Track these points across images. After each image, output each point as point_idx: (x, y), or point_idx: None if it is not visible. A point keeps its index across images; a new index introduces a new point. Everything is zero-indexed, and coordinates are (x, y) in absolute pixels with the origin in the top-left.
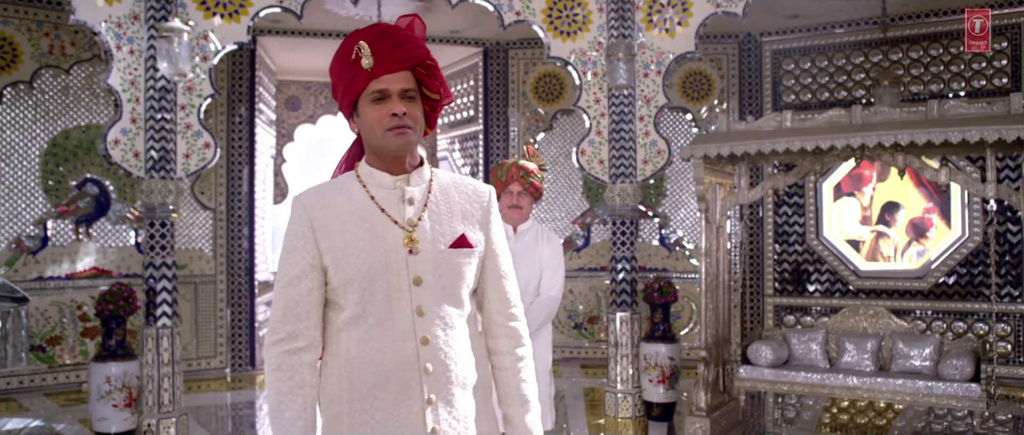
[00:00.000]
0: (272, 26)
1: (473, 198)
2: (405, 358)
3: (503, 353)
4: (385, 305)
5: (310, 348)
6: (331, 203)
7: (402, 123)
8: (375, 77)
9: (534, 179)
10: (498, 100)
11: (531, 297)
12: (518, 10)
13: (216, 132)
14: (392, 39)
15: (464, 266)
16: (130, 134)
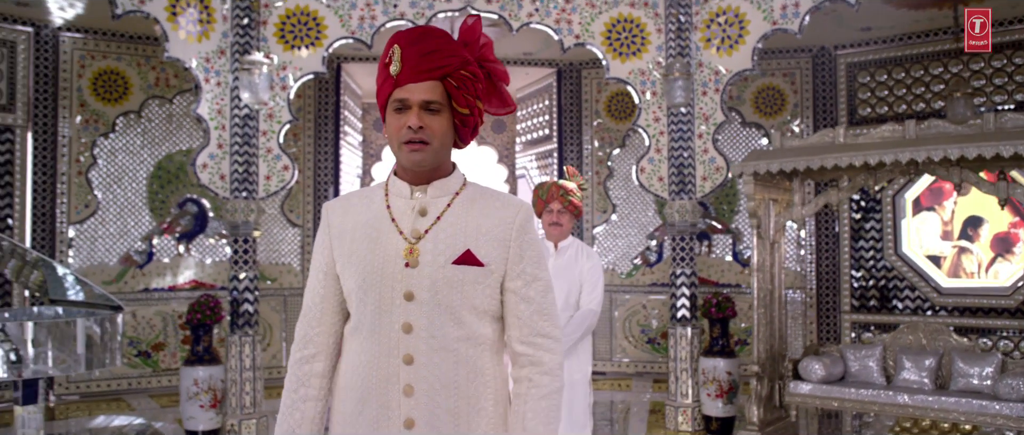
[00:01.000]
0: (354, 54)
1: (500, 215)
2: (387, 376)
3: (521, 380)
4: (375, 317)
5: (321, 355)
6: (351, 211)
7: (417, 137)
8: (399, 85)
9: (573, 198)
10: (571, 119)
11: (571, 310)
12: (577, 33)
13: (303, 154)
14: (425, 45)
15: (470, 285)
16: (217, 158)
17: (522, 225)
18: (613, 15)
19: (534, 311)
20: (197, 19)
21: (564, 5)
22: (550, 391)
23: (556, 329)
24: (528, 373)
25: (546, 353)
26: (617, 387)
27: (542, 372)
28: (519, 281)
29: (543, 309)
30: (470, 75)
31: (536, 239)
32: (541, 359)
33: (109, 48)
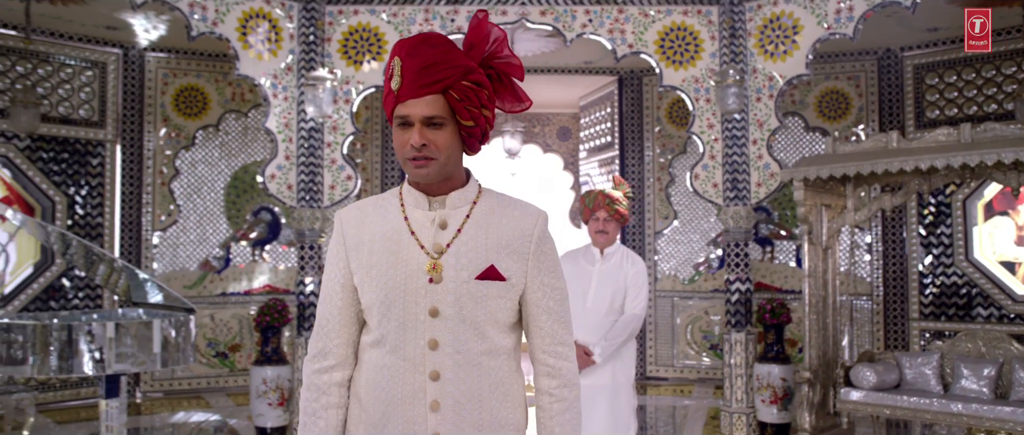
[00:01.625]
0: None
1: (519, 226)
2: (413, 391)
3: (543, 393)
4: (400, 333)
5: (341, 366)
6: (367, 221)
7: (421, 155)
8: (401, 100)
9: (619, 206)
10: (633, 125)
11: (616, 315)
12: (631, 43)
13: (370, 164)
14: (424, 58)
15: (492, 300)
16: (284, 169)
17: (541, 235)
18: (666, 24)
19: (554, 321)
20: (265, 38)
21: (617, 15)
22: (572, 402)
23: (571, 336)
24: (550, 386)
25: (565, 362)
26: (679, 393)
27: (563, 384)
28: (540, 293)
29: (561, 318)
30: (473, 85)
31: (553, 247)
32: (561, 369)
33: (189, 66)
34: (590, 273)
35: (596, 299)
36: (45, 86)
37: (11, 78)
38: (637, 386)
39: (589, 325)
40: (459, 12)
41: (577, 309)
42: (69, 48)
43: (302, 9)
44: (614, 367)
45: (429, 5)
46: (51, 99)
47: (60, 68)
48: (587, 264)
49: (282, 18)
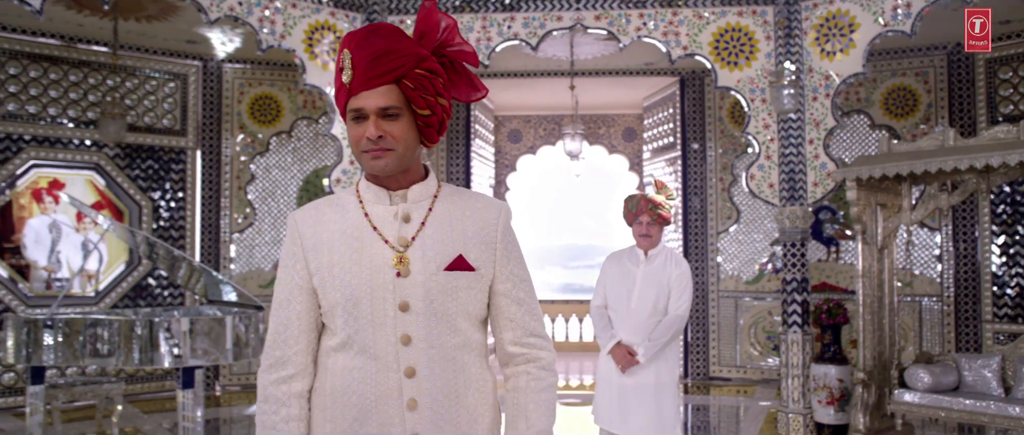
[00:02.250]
0: (481, 71)
1: (483, 217)
2: (387, 390)
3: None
4: (369, 331)
5: (300, 376)
6: (324, 220)
7: (378, 146)
8: (353, 93)
9: (662, 210)
10: (695, 126)
11: (659, 316)
12: (685, 45)
13: (436, 167)
14: (374, 49)
15: (462, 291)
16: (349, 174)
17: (505, 225)
18: (721, 25)
19: (525, 312)
20: (330, 49)
21: (671, 18)
22: (549, 384)
23: (544, 329)
24: (526, 368)
25: (541, 351)
26: (742, 393)
27: (540, 367)
28: (508, 283)
29: (532, 310)
30: (427, 73)
31: (516, 241)
32: (538, 356)
33: (263, 76)
34: (634, 274)
35: (640, 300)
36: (132, 98)
37: (102, 91)
38: (701, 386)
39: (633, 325)
40: (515, 19)
41: (621, 309)
42: (153, 62)
43: (365, 20)
44: (658, 367)
45: (486, 13)
46: (137, 110)
47: (145, 81)
48: (631, 266)
49: (346, 29)
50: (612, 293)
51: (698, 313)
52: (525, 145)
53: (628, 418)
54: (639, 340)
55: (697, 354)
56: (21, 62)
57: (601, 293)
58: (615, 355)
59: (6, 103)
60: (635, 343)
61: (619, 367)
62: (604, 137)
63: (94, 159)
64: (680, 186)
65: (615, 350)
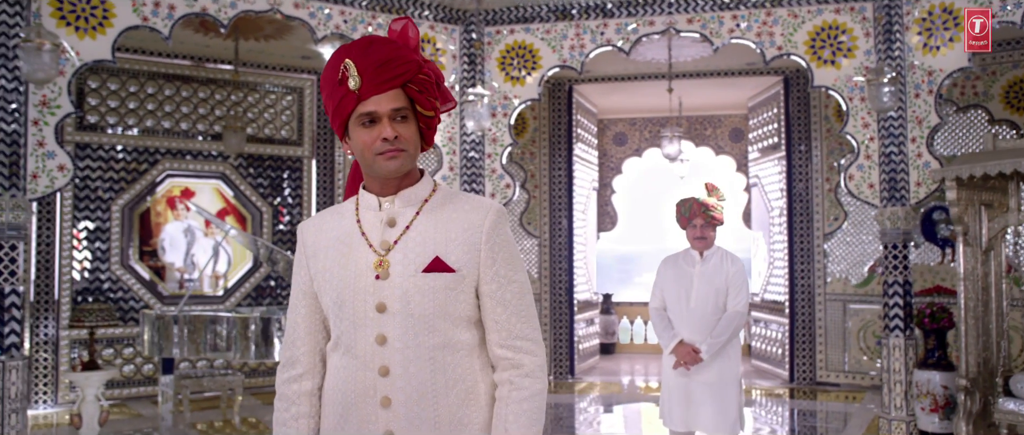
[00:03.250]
0: (582, 76)
1: (469, 218)
2: (364, 389)
3: (500, 384)
4: (351, 332)
5: (309, 375)
6: (325, 228)
7: (394, 147)
8: (363, 99)
9: (714, 212)
10: (800, 125)
11: (719, 313)
12: (780, 45)
13: (539, 171)
14: (379, 55)
15: (441, 292)
16: (448, 180)
17: (492, 227)
18: (817, 23)
19: (511, 314)
20: (431, 59)
21: (765, 18)
22: (532, 393)
23: (534, 331)
24: (509, 376)
25: (526, 355)
26: (850, 399)
27: (523, 375)
28: (493, 284)
29: (520, 311)
30: (427, 77)
31: (509, 241)
32: (521, 362)
33: None
34: (691, 275)
35: (698, 299)
36: (253, 111)
37: (227, 106)
38: (807, 391)
39: (693, 324)
40: (608, 25)
41: (680, 310)
42: (272, 77)
43: (463, 31)
44: (720, 364)
45: (580, 21)
46: (258, 122)
47: (265, 95)
48: (688, 267)
49: (445, 40)
50: (670, 295)
51: (804, 317)
52: (630, 148)
53: (694, 417)
54: (700, 338)
55: (803, 358)
56: (157, 82)
57: (659, 296)
58: (678, 353)
59: (145, 119)
60: (696, 341)
61: (684, 365)
62: (711, 138)
63: (220, 169)
64: (785, 187)
65: (678, 348)
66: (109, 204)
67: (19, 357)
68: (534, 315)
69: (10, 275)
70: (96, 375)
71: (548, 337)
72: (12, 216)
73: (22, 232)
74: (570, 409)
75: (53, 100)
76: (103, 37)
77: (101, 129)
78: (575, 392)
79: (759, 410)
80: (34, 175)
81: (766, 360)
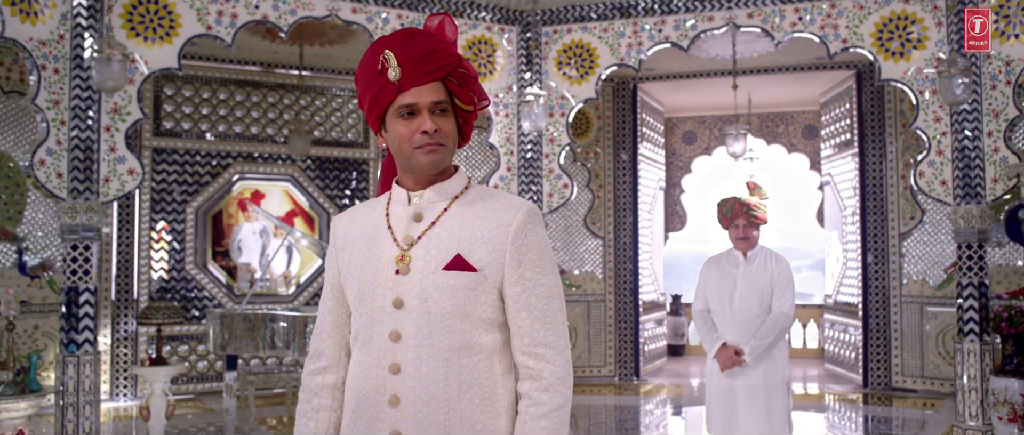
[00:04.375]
0: (647, 74)
1: (498, 217)
2: (375, 386)
3: (522, 396)
4: (368, 327)
5: (333, 368)
6: (356, 221)
7: (433, 141)
8: (403, 90)
9: (757, 212)
10: (874, 121)
11: (764, 315)
12: (844, 38)
13: (603, 171)
14: (420, 47)
15: (461, 291)
16: (506, 180)
17: (521, 227)
18: (884, 14)
19: (535, 319)
20: (486, 61)
21: (829, 11)
22: (551, 409)
23: (559, 339)
24: (528, 389)
25: (547, 364)
26: (928, 406)
27: (542, 388)
28: (518, 287)
29: (545, 317)
30: (466, 72)
31: (538, 242)
32: (541, 372)
33: None
34: (735, 276)
35: (742, 301)
36: (320, 115)
37: (294, 110)
38: (882, 397)
39: (737, 326)
40: (666, 22)
41: (724, 312)
42: (338, 81)
43: (520, 31)
44: (766, 367)
45: (637, 18)
46: (325, 126)
47: (331, 99)
48: (731, 268)
49: (501, 41)
50: (714, 297)
51: (879, 319)
52: (699, 146)
53: (738, 422)
54: (745, 341)
55: (877, 363)
56: (228, 88)
57: (702, 297)
58: (720, 356)
59: (217, 124)
60: (741, 344)
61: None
62: (782, 135)
63: (289, 171)
64: (858, 185)
65: (720, 352)
66: (184, 206)
67: (92, 352)
68: (561, 322)
69: (84, 274)
70: (162, 370)
71: (612, 338)
72: (86, 218)
73: (95, 233)
74: (635, 411)
75: (124, 107)
76: (170, 46)
77: (176, 134)
78: (640, 394)
79: (832, 416)
80: (106, 179)
81: (839, 364)
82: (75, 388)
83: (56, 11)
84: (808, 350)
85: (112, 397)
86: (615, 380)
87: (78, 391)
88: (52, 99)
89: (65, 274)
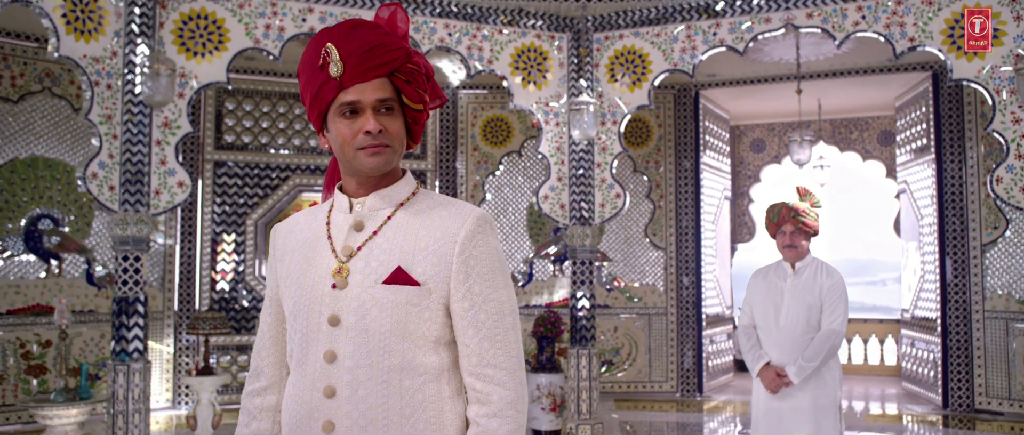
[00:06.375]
0: (710, 80)
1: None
2: (308, 411)
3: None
4: (302, 346)
5: (273, 388)
6: (296, 230)
7: (377, 142)
8: (345, 87)
9: (806, 218)
10: (952, 124)
11: (813, 332)
12: (912, 36)
13: (664, 180)
14: (364, 40)
15: (402, 307)
16: (557, 190)
17: (469, 237)
18: (955, 9)
19: (483, 338)
20: (537, 69)
21: (895, 7)
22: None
23: (510, 359)
24: (475, 415)
25: (497, 388)
26: (1016, 430)
27: (490, 414)
28: (465, 303)
29: (495, 335)
30: (416, 67)
31: (489, 254)
32: (490, 396)
33: (495, 99)
34: (781, 289)
35: (789, 316)
36: None
37: None
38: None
39: (783, 344)
40: (720, 25)
41: (769, 327)
42: None
43: (570, 39)
44: (815, 389)
45: (691, 21)
46: None
47: None
48: (778, 280)
49: (551, 49)
50: (759, 311)
51: (959, 336)
52: (768, 154)
53: None
54: (791, 359)
55: (958, 383)
56: (287, 101)
57: (748, 312)
58: (763, 377)
59: (276, 137)
60: (786, 363)
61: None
62: (857, 142)
63: None
64: (935, 193)
65: (763, 372)
66: (244, 218)
67: (141, 360)
68: (514, 341)
69: (135, 284)
70: (209, 380)
71: (674, 353)
72: (136, 230)
73: (146, 244)
74: (698, 429)
75: (174, 121)
76: (219, 60)
77: (237, 148)
78: (704, 411)
79: None
80: (157, 192)
81: (916, 383)
82: (125, 396)
83: (109, 28)
84: (885, 367)
85: (174, 405)
86: (677, 396)
87: (128, 399)
88: (104, 114)
89: (116, 284)
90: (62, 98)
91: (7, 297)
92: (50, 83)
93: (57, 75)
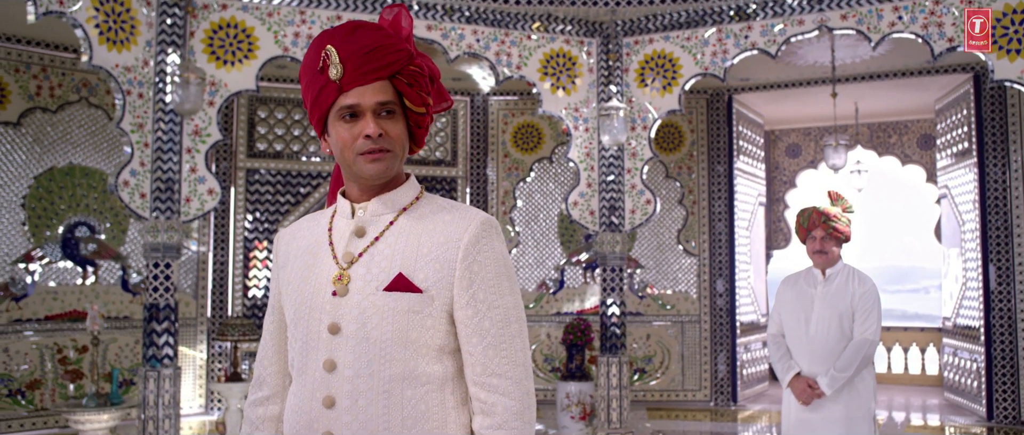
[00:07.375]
0: (743, 84)
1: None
2: (307, 422)
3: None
4: (303, 355)
5: (276, 397)
6: (298, 236)
7: (378, 146)
8: (345, 90)
9: (837, 223)
10: (995, 127)
11: (845, 341)
12: (950, 37)
13: (698, 186)
14: (365, 42)
15: (404, 315)
16: (586, 196)
17: (472, 242)
18: (998, 7)
19: (488, 346)
20: (566, 74)
21: (932, 7)
22: None
23: (515, 368)
24: (479, 426)
25: (501, 398)
26: None
27: (495, 425)
28: (469, 310)
29: (500, 343)
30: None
31: (494, 259)
32: (494, 407)
33: (526, 105)
34: (812, 297)
35: (819, 324)
36: None
37: None
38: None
39: (813, 353)
40: (752, 28)
41: (799, 336)
42: None
43: (600, 43)
44: (848, 400)
45: (722, 25)
46: None
47: None
48: (808, 287)
49: (580, 54)
50: (788, 319)
51: (1004, 345)
52: (805, 159)
53: None
54: (821, 370)
55: (1004, 393)
56: None
57: (777, 321)
58: (794, 389)
59: (308, 145)
60: (816, 374)
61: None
62: (896, 146)
63: None
64: (978, 197)
65: (793, 383)
66: (276, 226)
67: (172, 366)
68: (520, 349)
69: (165, 291)
70: (237, 386)
71: (708, 361)
72: (167, 237)
73: (176, 251)
74: None
75: (204, 129)
76: (248, 68)
77: (269, 155)
78: (738, 420)
79: None
80: (187, 199)
81: (959, 393)
82: (156, 402)
83: (141, 38)
84: (927, 376)
85: (206, 411)
86: (711, 405)
87: (158, 405)
88: (136, 122)
89: (147, 291)
90: (98, 108)
91: (45, 303)
92: (87, 93)
93: (94, 85)
